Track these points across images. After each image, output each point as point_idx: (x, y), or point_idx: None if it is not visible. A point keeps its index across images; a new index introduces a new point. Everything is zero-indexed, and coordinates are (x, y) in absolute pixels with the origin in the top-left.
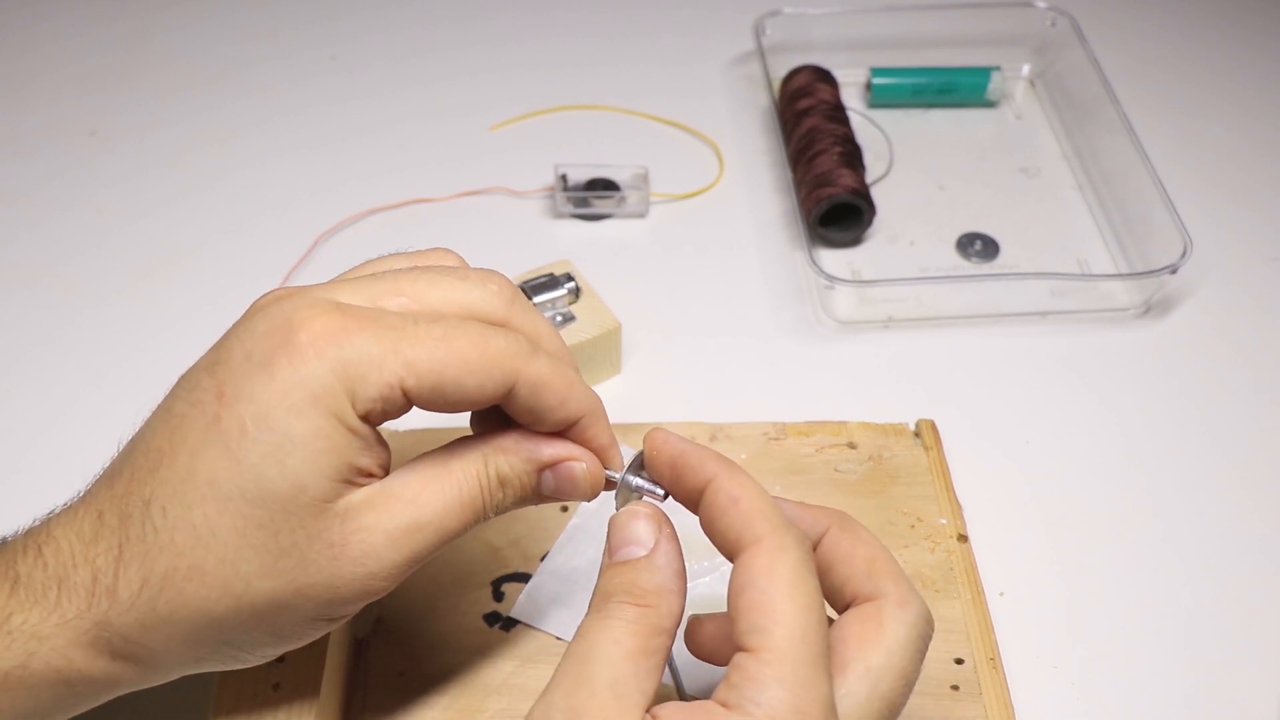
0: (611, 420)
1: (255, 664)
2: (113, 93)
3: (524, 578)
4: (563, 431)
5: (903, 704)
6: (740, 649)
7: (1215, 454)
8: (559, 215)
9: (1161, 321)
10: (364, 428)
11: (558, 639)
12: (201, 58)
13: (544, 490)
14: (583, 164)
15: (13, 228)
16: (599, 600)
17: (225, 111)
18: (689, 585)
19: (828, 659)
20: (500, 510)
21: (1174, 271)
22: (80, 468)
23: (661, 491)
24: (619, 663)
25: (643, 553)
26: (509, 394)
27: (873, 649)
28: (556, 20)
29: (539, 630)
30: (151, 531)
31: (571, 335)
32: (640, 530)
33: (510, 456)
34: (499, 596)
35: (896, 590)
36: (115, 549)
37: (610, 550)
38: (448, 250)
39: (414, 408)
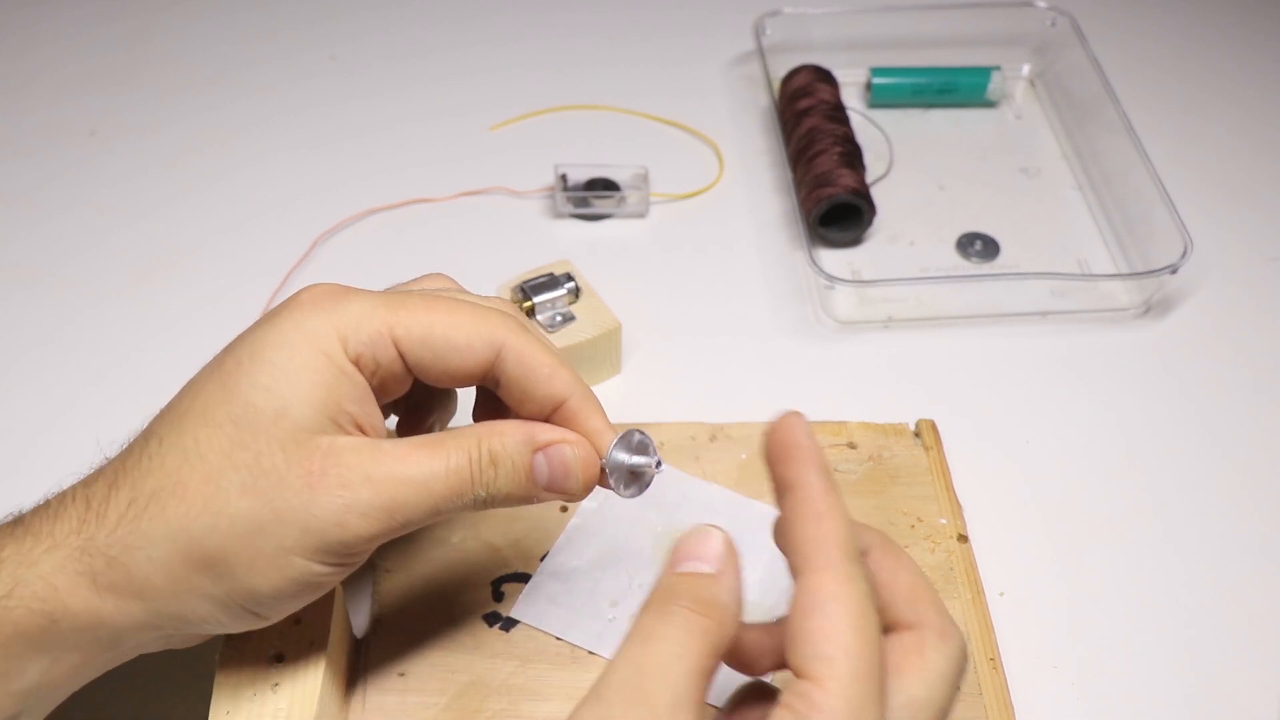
0: (611, 420)
1: (237, 623)
2: (113, 93)
3: (524, 578)
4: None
5: None
6: (801, 674)
7: (1215, 454)
8: (559, 215)
9: (1162, 321)
10: (355, 373)
11: (558, 639)
12: (201, 58)
13: (537, 476)
14: (583, 164)
15: (13, 228)
16: (661, 600)
17: (225, 111)
18: None
19: (884, 697)
20: (492, 491)
21: (1174, 271)
22: (80, 468)
23: (655, 460)
24: (681, 681)
25: (709, 569)
26: (498, 360)
27: (914, 680)
28: (556, 20)
29: (539, 630)
30: (146, 459)
31: (571, 335)
32: (713, 548)
33: (504, 438)
34: (499, 596)
35: (938, 620)
36: (111, 480)
37: (674, 562)
38: (442, 275)
39: (412, 377)
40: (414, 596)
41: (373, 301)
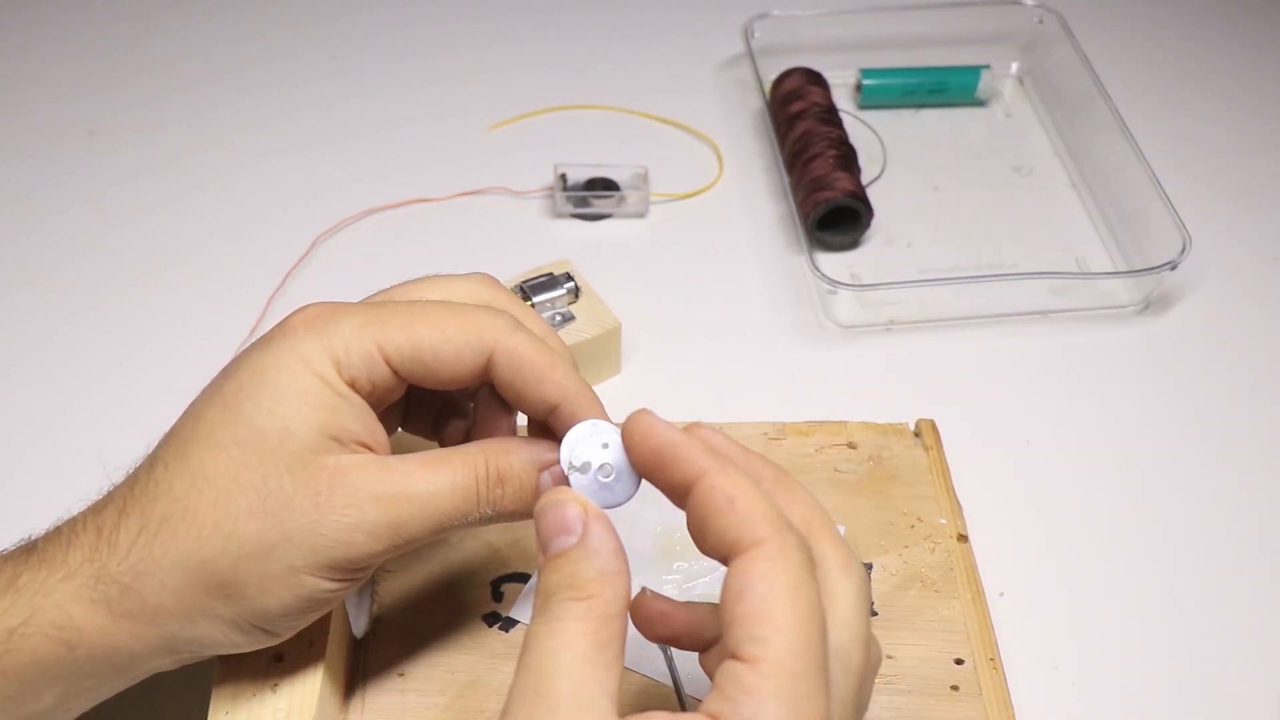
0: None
1: (250, 642)
2: (112, 93)
3: (524, 578)
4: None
5: (868, 671)
6: (735, 657)
7: (1216, 451)
8: (559, 215)
9: (1161, 318)
10: (353, 395)
11: None
12: (201, 58)
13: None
14: (582, 164)
15: (13, 228)
16: (541, 603)
17: (225, 111)
18: (687, 587)
19: (827, 670)
20: (499, 509)
21: (1174, 268)
22: (80, 468)
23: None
24: (575, 668)
25: (575, 540)
26: (489, 365)
27: (832, 627)
28: (556, 20)
29: None
30: (154, 484)
31: (571, 335)
32: (568, 516)
33: (511, 455)
34: (499, 596)
35: (837, 554)
36: (120, 507)
37: (542, 546)
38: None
39: (407, 385)
40: (414, 596)
41: (361, 319)
